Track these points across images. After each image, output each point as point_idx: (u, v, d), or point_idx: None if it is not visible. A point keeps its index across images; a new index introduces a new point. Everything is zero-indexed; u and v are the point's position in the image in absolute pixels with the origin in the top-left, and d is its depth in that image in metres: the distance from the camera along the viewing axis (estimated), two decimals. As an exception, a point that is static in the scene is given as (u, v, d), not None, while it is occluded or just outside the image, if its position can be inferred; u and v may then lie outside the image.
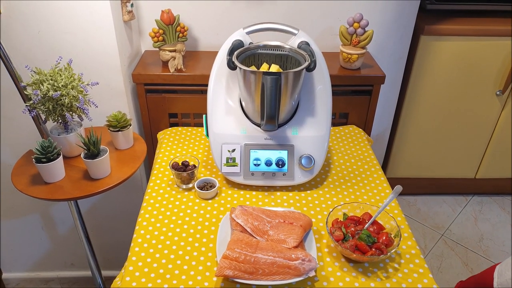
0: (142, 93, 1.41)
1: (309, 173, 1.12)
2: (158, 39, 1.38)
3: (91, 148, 1.12)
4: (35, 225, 1.65)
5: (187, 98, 1.43)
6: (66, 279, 1.84)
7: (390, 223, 0.97)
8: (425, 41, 1.68)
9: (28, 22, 1.20)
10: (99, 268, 1.48)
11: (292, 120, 1.13)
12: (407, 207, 2.17)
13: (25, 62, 1.22)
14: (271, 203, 1.09)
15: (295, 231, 0.94)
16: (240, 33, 1.13)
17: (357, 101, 1.47)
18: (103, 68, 1.30)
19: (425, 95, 1.83)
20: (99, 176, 1.15)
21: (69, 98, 1.09)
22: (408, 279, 0.89)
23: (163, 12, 1.36)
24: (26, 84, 1.10)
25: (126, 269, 0.91)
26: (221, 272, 0.84)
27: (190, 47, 1.56)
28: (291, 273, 0.85)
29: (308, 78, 1.13)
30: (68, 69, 1.13)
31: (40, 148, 1.08)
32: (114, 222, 1.66)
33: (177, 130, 1.39)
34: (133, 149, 1.29)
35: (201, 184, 1.11)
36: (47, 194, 1.10)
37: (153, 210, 1.06)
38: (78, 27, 1.22)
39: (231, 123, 1.13)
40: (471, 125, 1.92)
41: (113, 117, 1.23)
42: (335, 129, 1.42)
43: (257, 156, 1.11)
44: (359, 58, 1.41)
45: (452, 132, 1.95)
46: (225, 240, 0.94)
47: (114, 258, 1.77)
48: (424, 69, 1.76)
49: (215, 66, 1.14)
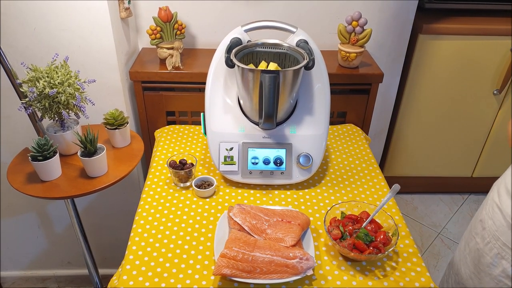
0: (139, 90, 1.40)
1: (307, 171, 1.12)
2: (156, 37, 1.38)
3: (88, 146, 1.11)
4: (32, 224, 1.65)
5: (184, 96, 1.43)
6: (63, 278, 1.83)
7: (387, 221, 0.97)
8: (423, 40, 1.68)
9: (24, 18, 1.19)
10: (96, 267, 1.47)
11: (290, 119, 1.13)
12: (404, 205, 2.18)
13: (21, 59, 1.21)
14: (269, 201, 1.09)
15: (293, 230, 0.94)
16: (238, 31, 1.13)
17: (355, 99, 1.47)
18: (100, 65, 1.30)
19: (423, 94, 1.83)
20: (96, 174, 1.15)
21: (66, 95, 1.09)
22: (406, 277, 0.89)
23: (160, 9, 1.35)
24: (22, 81, 1.09)
25: (123, 268, 0.90)
26: (219, 271, 0.84)
27: (188, 44, 1.55)
28: (289, 271, 0.85)
29: (306, 77, 1.13)
30: (65, 66, 1.12)
31: (36, 146, 1.07)
32: (111, 221, 1.65)
33: (175, 128, 1.38)
34: (130, 147, 1.28)
35: (199, 183, 1.11)
36: (43, 193, 1.10)
37: (150, 208, 1.05)
38: (75, 24, 1.21)
39: (229, 122, 1.13)
40: (468, 124, 1.93)
41: (110, 115, 1.22)
42: (333, 127, 1.42)
43: (255, 155, 1.11)
44: (358, 57, 1.41)
45: (449, 131, 1.95)
46: (223, 238, 0.94)
47: (111, 256, 1.77)
48: (422, 68, 1.76)
49: (213, 64, 1.14)
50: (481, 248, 0.94)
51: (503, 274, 0.89)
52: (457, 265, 1.04)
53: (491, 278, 0.92)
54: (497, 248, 0.90)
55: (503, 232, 0.88)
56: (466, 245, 1.00)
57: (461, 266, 1.01)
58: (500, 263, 0.89)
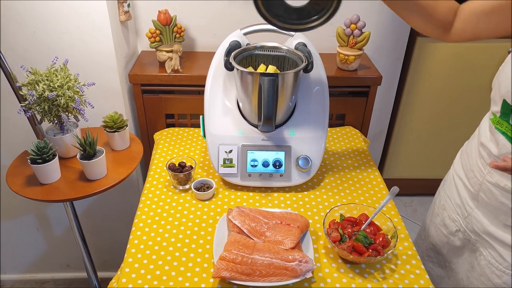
0: (138, 93, 1.41)
1: (306, 174, 1.12)
2: (155, 40, 1.38)
3: (87, 149, 1.11)
4: (30, 226, 1.64)
5: (184, 99, 1.43)
6: (62, 281, 1.83)
7: (387, 224, 0.97)
8: (421, 42, 1.69)
9: (24, 21, 1.19)
10: (95, 270, 1.47)
11: (289, 121, 1.13)
12: (403, 207, 2.18)
13: (21, 62, 1.21)
14: (268, 204, 1.09)
15: (292, 232, 0.94)
16: (237, 34, 1.13)
17: (354, 102, 1.47)
18: (99, 68, 1.30)
19: (422, 96, 1.84)
20: (95, 177, 1.15)
21: (65, 98, 1.09)
22: (405, 280, 0.90)
23: (160, 12, 1.36)
24: (21, 84, 1.09)
25: (122, 271, 0.90)
26: (218, 274, 0.84)
27: (187, 47, 1.55)
28: (288, 274, 0.85)
29: (305, 79, 1.13)
30: (64, 69, 1.12)
31: (35, 149, 1.07)
32: (110, 223, 1.65)
33: (174, 130, 1.39)
34: (130, 150, 1.28)
35: (198, 185, 1.11)
36: (42, 195, 1.10)
37: (149, 211, 1.05)
38: (75, 27, 1.22)
39: (228, 124, 1.13)
40: (467, 126, 1.93)
41: (109, 118, 1.22)
42: (332, 130, 1.42)
43: (254, 157, 1.11)
44: (356, 60, 1.42)
45: (448, 133, 1.96)
46: (222, 241, 0.94)
47: (110, 259, 1.76)
48: (421, 71, 1.76)
49: (212, 67, 1.14)
50: (435, 201, 1.07)
51: (441, 223, 1.01)
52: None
53: (434, 226, 1.04)
54: (443, 199, 1.01)
55: (449, 184, 1.01)
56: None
57: (426, 216, 1.14)
58: (441, 213, 1.02)
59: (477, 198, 0.88)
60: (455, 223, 0.97)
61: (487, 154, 0.84)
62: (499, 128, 0.79)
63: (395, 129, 1.94)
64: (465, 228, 0.94)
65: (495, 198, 0.83)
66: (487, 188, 0.84)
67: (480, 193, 0.86)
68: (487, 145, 0.83)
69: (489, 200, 0.85)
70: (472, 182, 0.90)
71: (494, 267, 0.86)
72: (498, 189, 0.81)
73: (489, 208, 0.86)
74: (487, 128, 0.86)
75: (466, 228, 0.94)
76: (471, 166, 0.91)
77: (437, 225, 1.03)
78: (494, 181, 0.82)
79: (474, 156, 0.90)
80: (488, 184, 0.84)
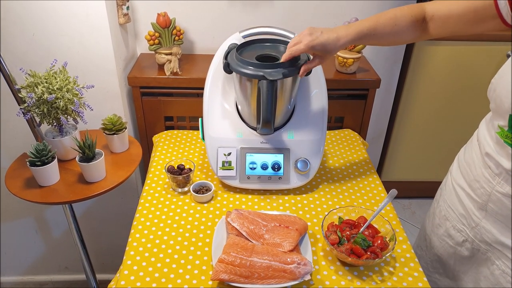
0: (137, 96, 1.41)
1: (304, 176, 1.12)
2: (154, 42, 1.38)
3: (86, 152, 1.11)
4: (29, 229, 1.64)
5: (183, 101, 1.43)
6: (60, 283, 1.82)
7: (385, 226, 0.97)
8: (420, 45, 1.70)
9: (23, 24, 1.20)
10: (94, 272, 1.47)
11: (288, 124, 1.14)
12: (402, 210, 2.18)
13: (20, 64, 1.21)
14: (266, 206, 1.09)
15: (290, 235, 0.94)
16: (236, 37, 1.13)
17: (353, 105, 1.47)
18: (98, 71, 1.30)
19: (420, 99, 1.84)
20: (94, 179, 1.15)
21: (64, 101, 1.09)
22: (403, 282, 0.90)
23: (159, 15, 1.36)
24: (20, 86, 1.09)
25: (121, 273, 0.90)
26: (217, 276, 0.84)
27: (186, 50, 1.56)
28: (287, 276, 0.85)
29: (304, 82, 1.13)
30: (63, 72, 1.12)
31: (34, 151, 1.07)
32: (109, 226, 1.65)
33: (173, 133, 1.39)
34: (129, 152, 1.28)
35: (197, 188, 1.11)
36: (41, 198, 1.10)
37: (148, 213, 1.05)
38: (74, 30, 1.22)
39: (227, 127, 1.13)
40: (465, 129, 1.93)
41: (108, 120, 1.22)
42: (330, 132, 1.42)
43: (253, 160, 1.11)
44: (355, 62, 1.42)
45: (446, 136, 1.96)
46: (220, 244, 0.94)
47: (109, 262, 1.76)
48: (419, 73, 1.77)
49: (211, 70, 1.14)
50: (435, 212, 1.04)
51: (445, 234, 0.99)
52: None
53: (437, 238, 1.02)
54: (444, 210, 0.99)
55: (450, 194, 0.98)
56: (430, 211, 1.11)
57: (425, 226, 1.12)
58: (444, 224, 0.99)
59: (485, 209, 0.86)
60: (461, 233, 0.94)
61: (494, 165, 0.82)
62: (508, 142, 0.78)
63: (394, 131, 1.95)
64: (473, 238, 0.91)
65: (507, 207, 0.81)
66: (497, 198, 0.82)
67: (489, 204, 0.84)
68: (496, 158, 0.81)
69: (500, 210, 0.82)
70: (478, 192, 0.87)
71: (509, 276, 0.84)
72: (510, 199, 0.79)
73: (499, 218, 0.83)
74: (488, 137, 0.85)
75: (474, 238, 0.91)
76: (475, 176, 0.88)
77: (441, 236, 1.01)
78: (505, 191, 0.80)
79: (478, 166, 0.88)
80: (498, 195, 0.81)
